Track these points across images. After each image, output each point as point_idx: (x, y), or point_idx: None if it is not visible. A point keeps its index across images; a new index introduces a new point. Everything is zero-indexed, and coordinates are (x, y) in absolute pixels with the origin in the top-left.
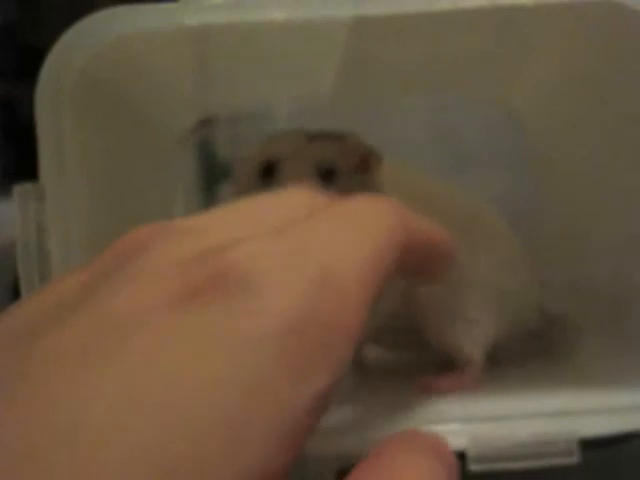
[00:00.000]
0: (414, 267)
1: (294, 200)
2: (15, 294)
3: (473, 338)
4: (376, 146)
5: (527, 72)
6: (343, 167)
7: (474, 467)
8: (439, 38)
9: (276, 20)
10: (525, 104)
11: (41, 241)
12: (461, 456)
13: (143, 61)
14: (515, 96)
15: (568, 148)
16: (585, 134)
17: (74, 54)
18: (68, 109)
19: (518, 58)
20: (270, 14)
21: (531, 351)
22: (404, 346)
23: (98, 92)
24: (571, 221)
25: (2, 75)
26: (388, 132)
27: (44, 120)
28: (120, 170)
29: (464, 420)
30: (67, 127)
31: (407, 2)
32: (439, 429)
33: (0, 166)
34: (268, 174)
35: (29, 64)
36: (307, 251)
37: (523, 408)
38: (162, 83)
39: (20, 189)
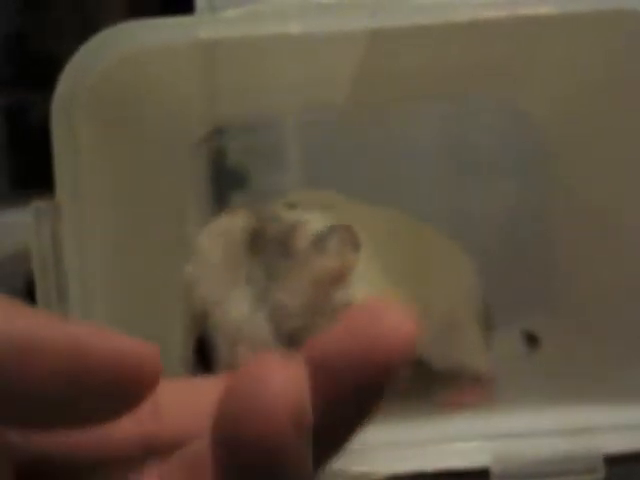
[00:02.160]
0: None
1: None
2: (29, 301)
3: (478, 353)
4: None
5: (542, 78)
6: None
7: None
8: (456, 47)
9: (292, 33)
10: (540, 110)
11: (57, 257)
12: (485, 473)
13: (156, 73)
14: (529, 102)
15: (583, 154)
16: (600, 139)
17: (89, 70)
18: (83, 124)
19: (533, 65)
20: (286, 27)
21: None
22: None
23: (112, 106)
24: (584, 226)
25: (10, 83)
26: (399, 138)
27: (60, 136)
28: (134, 181)
29: (487, 437)
30: (82, 142)
31: (425, 14)
32: (463, 446)
33: (8, 174)
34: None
35: (37, 72)
36: None
37: (546, 424)
38: (175, 94)
39: (36, 206)
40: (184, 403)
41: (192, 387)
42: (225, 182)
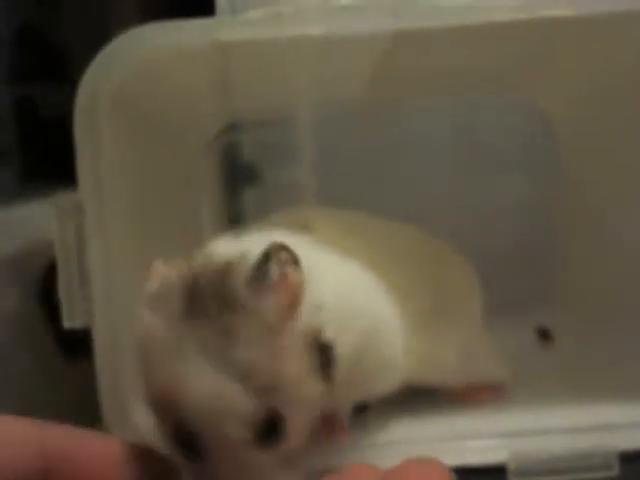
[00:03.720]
0: None
1: None
2: (42, 296)
3: (496, 364)
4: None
5: (558, 76)
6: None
7: None
8: (472, 48)
9: (311, 35)
10: (553, 109)
11: (80, 254)
12: (502, 469)
13: (174, 73)
14: (544, 101)
15: (594, 152)
16: (611, 138)
17: (110, 70)
18: (105, 123)
19: (550, 64)
20: (305, 29)
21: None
22: None
23: (132, 105)
24: (596, 224)
25: (23, 76)
26: (412, 135)
27: (82, 135)
28: (153, 177)
29: (504, 434)
30: (104, 140)
31: (443, 16)
32: (480, 443)
33: (20, 166)
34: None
35: (50, 65)
36: None
37: (562, 421)
38: (192, 92)
39: (58, 203)
40: None
41: None
42: (238, 177)
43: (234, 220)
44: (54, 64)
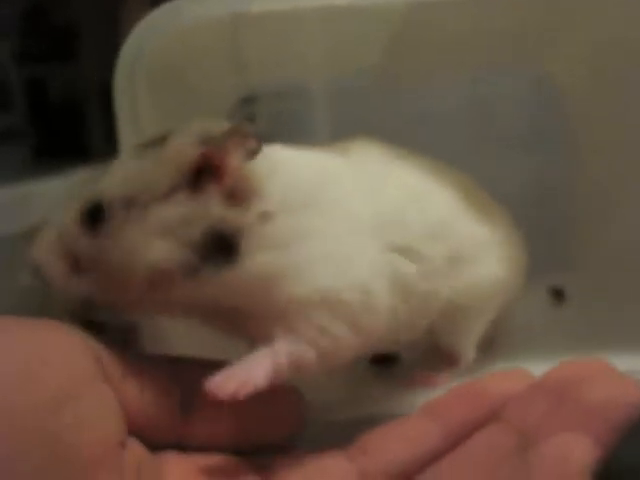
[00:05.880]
0: None
1: None
2: None
3: (472, 344)
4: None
5: (572, 48)
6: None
7: None
8: (488, 16)
9: (335, 5)
10: (568, 80)
11: None
12: None
13: (201, 46)
14: (558, 72)
15: (610, 125)
16: (630, 108)
17: (148, 42)
18: (144, 94)
19: (563, 34)
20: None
21: None
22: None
23: (165, 77)
24: (607, 200)
25: (32, 56)
26: (424, 109)
27: (123, 105)
28: None
29: None
30: (143, 112)
31: None
32: None
33: (32, 145)
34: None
35: (58, 45)
36: None
37: None
38: (212, 65)
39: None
40: None
41: None
42: None
43: None
44: (63, 45)
